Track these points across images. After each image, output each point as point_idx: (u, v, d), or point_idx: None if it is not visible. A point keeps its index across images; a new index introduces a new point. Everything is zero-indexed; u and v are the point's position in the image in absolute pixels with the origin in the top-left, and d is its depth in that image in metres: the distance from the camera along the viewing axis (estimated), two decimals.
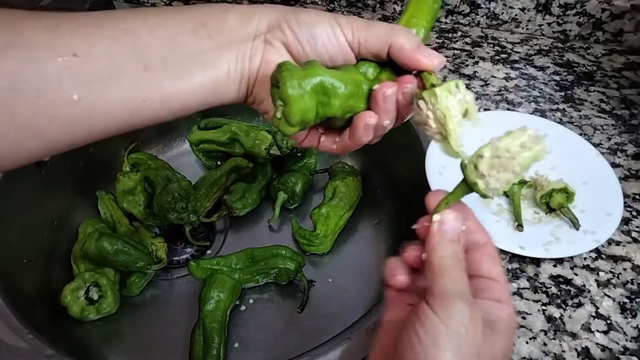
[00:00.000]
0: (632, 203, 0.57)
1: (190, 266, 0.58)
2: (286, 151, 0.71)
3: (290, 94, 0.29)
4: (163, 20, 0.31)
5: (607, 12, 0.76)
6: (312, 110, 0.31)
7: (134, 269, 0.59)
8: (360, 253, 0.66)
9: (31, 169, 0.62)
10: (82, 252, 0.58)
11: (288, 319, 0.59)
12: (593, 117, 0.67)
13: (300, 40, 0.32)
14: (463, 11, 0.84)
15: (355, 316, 0.47)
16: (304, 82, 0.30)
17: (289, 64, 0.30)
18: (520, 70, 0.75)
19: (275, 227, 0.69)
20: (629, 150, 0.62)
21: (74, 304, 0.56)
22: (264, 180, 0.71)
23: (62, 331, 0.56)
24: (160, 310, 0.60)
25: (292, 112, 0.30)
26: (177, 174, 0.68)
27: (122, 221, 0.66)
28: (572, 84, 0.72)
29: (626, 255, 0.52)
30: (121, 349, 0.57)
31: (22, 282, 0.56)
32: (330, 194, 0.67)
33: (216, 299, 0.56)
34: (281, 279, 0.60)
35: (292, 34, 0.32)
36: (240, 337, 0.57)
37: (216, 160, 0.74)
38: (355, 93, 0.32)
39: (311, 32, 0.32)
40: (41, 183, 0.63)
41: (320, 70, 0.31)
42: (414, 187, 0.61)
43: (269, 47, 0.33)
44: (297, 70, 0.30)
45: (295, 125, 0.30)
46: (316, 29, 0.32)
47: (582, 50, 0.79)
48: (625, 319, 0.46)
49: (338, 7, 0.89)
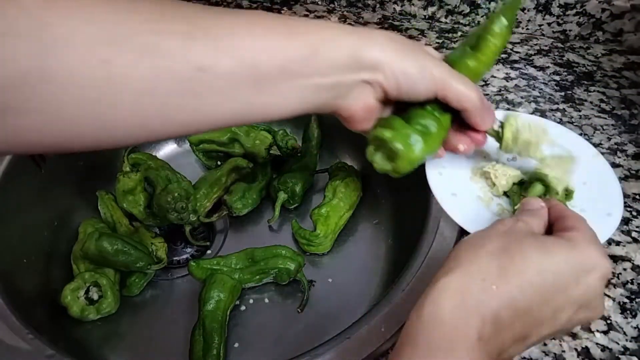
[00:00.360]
0: (632, 203, 0.57)
1: (190, 266, 0.58)
2: (286, 151, 0.71)
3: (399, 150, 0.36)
4: (279, 42, 0.33)
5: (607, 12, 0.76)
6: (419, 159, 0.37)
7: (134, 269, 0.59)
8: (360, 253, 0.66)
9: (31, 169, 0.62)
10: (82, 252, 0.58)
11: (288, 319, 0.59)
12: (593, 117, 0.67)
13: (400, 92, 0.36)
14: (463, 11, 0.84)
15: (355, 316, 0.47)
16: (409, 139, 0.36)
17: (389, 127, 0.37)
18: (520, 70, 0.75)
19: (275, 227, 0.69)
20: (629, 150, 0.62)
21: (74, 304, 0.56)
22: (264, 180, 0.71)
23: (62, 331, 0.56)
24: (160, 310, 0.60)
25: (401, 166, 0.37)
26: (177, 174, 0.68)
27: (122, 221, 0.66)
28: (572, 84, 0.72)
29: (626, 255, 0.52)
30: (121, 349, 0.57)
31: (22, 282, 0.56)
32: (330, 194, 0.67)
33: (216, 299, 0.56)
34: (281, 279, 0.60)
35: (395, 82, 0.36)
36: (240, 337, 0.57)
37: (216, 160, 0.74)
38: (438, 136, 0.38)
39: (410, 88, 0.36)
40: (41, 183, 0.63)
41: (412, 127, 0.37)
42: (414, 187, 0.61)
43: (368, 87, 0.36)
44: (400, 129, 0.36)
45: (402, 173, 0.38)
46: (414, 85, 0.36)
47: (582, 50, 0.79)
48: (626, 319, 0.46)
49: (338, 7, 0.89)
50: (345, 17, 0.86)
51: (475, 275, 0.29)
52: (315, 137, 0.73)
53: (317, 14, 0.87)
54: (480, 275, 0.29)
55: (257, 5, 0.89)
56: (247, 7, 0.89)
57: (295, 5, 0.89)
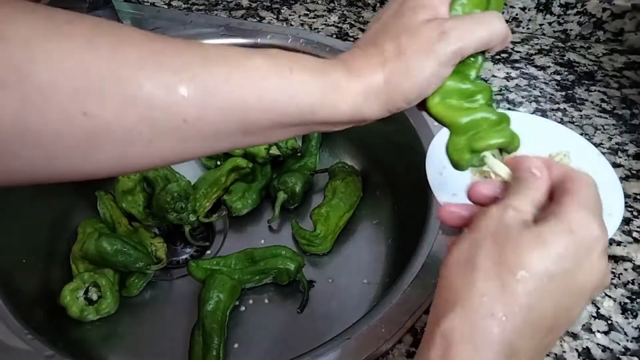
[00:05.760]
0: (633, 203, 0.57)
1: (190, 266, 0.58)
2: (286, 151, 0.71)
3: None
4: (274, 94, 0.30)
5: (608, 11, 0.75)
6: None
7: (134, 269, 0.59)
8: (360, 253, 0.65)
9: None
10: (82, 252, 0.58)
11: (288, 319, 0.58)
12: (594, 116, 0.67)
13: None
14: None
15: (355, 316, 0.47)
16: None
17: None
18: (521, 70, 0.75)
19: (275, 227, 0.69)
20: (630, 150, 0.62)
21: (73, 305, 0.56)
22: (264, 180, 0.71)
23: (61, 331, 0.56)
24: (159, 310, 0.60)
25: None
26: (177, 174, 0.68)
27: (122, 221, 0.66)
28: (572, 84, 0.72)
29: (627, 256, 0.52)
30: (120, 349, 0.57)
31: (21, 282, 0.56)
32: (330, 194, 0.67)
33: (216, 299, 0.55)
34: (281, 279, 0.59)
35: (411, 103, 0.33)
36: (240, 338, 0.57)
37: (216, 160, 0.74)
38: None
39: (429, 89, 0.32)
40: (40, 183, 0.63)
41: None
42: (414, 187, 0.61)
43: None
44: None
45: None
46: (430, 85, 0.32)
47: (582, 50, 0.79)
48: (626, 319, 0.46)
49: (338, 7, 0.89)
50: (345, 17, 0.86)
51: (482, 311, 0.26)
52: (315, 137, 0.73)
53: (317, 13, 0.86)
54: (488, 310, 0.26)
55: (257, 5, 0.89)
56: (247, 6, 0.89)
57: (295, 5, 0.89)
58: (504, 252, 0.26)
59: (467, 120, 0.33)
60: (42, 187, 0.62)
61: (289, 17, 0.85)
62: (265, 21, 0.84)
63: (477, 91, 0.33)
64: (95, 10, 0.71)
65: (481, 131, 0.33)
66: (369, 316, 0.45)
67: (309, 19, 0.85)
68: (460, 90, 0.33)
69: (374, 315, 0.44)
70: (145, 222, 0.66)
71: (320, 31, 0.81)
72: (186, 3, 0.90)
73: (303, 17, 0.86)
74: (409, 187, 0.65)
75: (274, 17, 0.86)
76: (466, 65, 0.33)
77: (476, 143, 0.33)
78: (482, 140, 0.33)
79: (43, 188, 0.63)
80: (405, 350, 0.44)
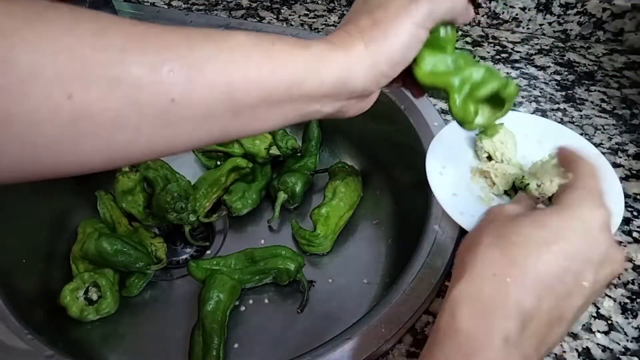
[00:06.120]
0: (633, 203, 0.57)
1: (190, 266, 0.58)
2: (286, 151, 0.71)
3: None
4: (260, 71, 0.31)
5: (608, 11, 0.75)
6: None
7: (134, 269, 0.59)
8: (360, 253, 0.65)
9: None
10: (82, 252, 0.58)
11: (288, 319, 0.58)
12: (594, 116, 0.67)
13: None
14: None
15: (355, 316, 0.47)
16: None
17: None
18: (521, 70, 0.75)
19: (275, 227, 0.69)
20: (630, 150, 0.62)
21: (73, 305, 0.56)
22: (264, 180, 0.71)
23: (61, 331, 0.56)
24: (160, 310, 0.60)
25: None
26: (177, 174, 0.68)
27: (122, 221, 0.66)
28: (572, 84, 0.72)
29: (627, 256, 0.51)
30: (120, 349, 0.57)
31: (21, 283, 0.56)
32: (330, 194, 0.67)
33: (216, 299, 0.55)
34: (281, 279, 0.59)
35: (392, 76, 0.35)
36: (240, 338, 0.57)
37: (216, 160, 0.74)
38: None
39: (410, 57, 0.35)
40: (41, 183, 0.62)
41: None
42: (414, 187, 0.61)
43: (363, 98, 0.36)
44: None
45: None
46: (410, 53, 0.35)
47: (582, 50, 0.79)
48: (626, 319, 0.46)
49: (338, 6, 0.89)
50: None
51: (484, 273, 0.28)
52: (315, 137, 0.73)
53: (317, 13, 0.86)
54: (489, 272, 0.28)
55: (257, 5, 0.89)
56: (246, 6, 0.89)
57: (295, 5, 0.89)
58: (502, 229, 0.30)
59: (458, 79, 0.37)
60: (42, 187, 0.63)
61: (289, 17, 0.85)
62: (265, 21, 0.84)
63: (459, 56, 0.38)
64: (95, 10, 0.71)
65: (475, 83, 0.37)
66: (369, 316, 0.45)
67: (309, 19, 0.85)
68: (444, 59, 0.37)
69: (374, 315, 0.44)
70: (145, 222, 0.66)
71: (321, 31, 0.81)
72: (186, 3, 0.90)
73: (303, 17, 0.86)
74: (409, 187, 0.65)
75: (274, 17, 0.86)
76: (442, 40, 0.37)
77: (474, 93, 0.37)
78: (478, 90, 0.37)
79: (43, 188, 0.63)
80: (405, 350, 0.44)
